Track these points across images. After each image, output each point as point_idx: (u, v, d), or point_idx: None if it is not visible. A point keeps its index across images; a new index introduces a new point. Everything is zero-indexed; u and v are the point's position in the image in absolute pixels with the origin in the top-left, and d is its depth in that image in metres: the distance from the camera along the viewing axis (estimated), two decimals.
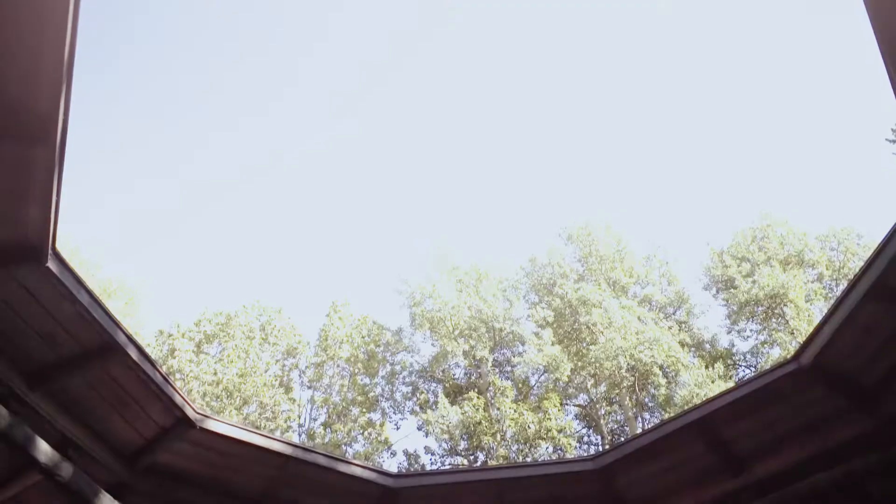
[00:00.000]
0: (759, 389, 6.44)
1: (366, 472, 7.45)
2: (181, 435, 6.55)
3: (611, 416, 24.11)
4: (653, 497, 7.41)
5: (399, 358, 25.88)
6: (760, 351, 21.98)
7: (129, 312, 23.84)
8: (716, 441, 6.90)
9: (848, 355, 6.06)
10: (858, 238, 22.84)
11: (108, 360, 5.74)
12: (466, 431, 19.87)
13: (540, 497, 7.58)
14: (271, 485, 7.17)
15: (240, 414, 20.41)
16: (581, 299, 22.25)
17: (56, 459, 5.60)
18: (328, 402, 23.58)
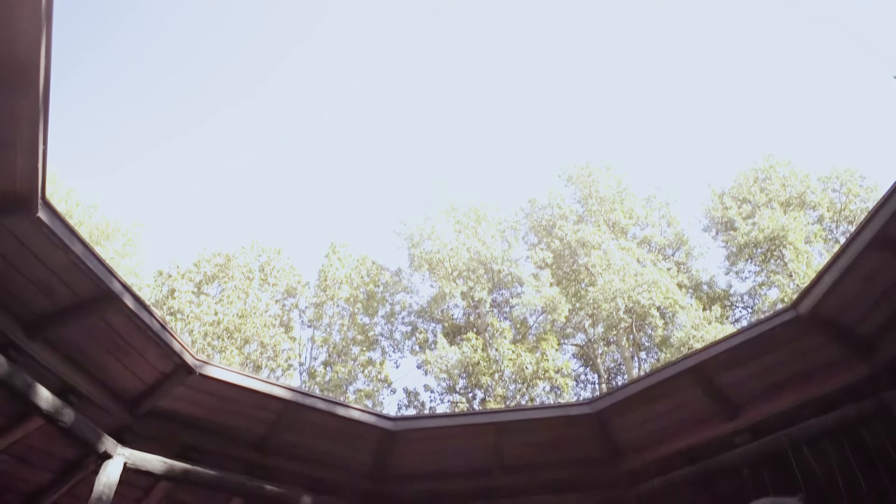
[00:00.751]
0: (756, 337, 6.46)
1: (365, 415, 7.56)
2: (181, 380, 6.61)
3: (608, 356, 24.43)
4: (647, 440, 7.55)
5: (398, 298, 26.04)
6: (758, 292, 22.09)
7: (127, 253, 23.84)
8: (711, 387, 6.98)
9: (846, 305, 6.05)
10: (861, 179, 22.64)
11: (104, 308, 5.72)
12: (465, 371, 20.15)
13: (536, 440, 7.72)
14: (272, 428, 7.29)
15: (241, 354, 20.65)
16: (580, 241, 22.22)
17: (57, 405, 5.66)
18: (328, 341, 23.85)
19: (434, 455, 7.87)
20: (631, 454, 7.68)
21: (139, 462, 6.44)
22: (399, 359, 25.66)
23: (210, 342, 20.24)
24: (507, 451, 7.81)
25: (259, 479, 7.17)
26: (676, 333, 17.96)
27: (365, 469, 7.82)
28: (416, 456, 7.86)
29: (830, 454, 6.55)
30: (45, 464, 6.89)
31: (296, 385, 23.51)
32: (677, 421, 7.33)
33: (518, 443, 7.75)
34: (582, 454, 7.76)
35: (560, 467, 7.80)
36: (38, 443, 6.65)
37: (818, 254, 20.85)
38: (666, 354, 18.62)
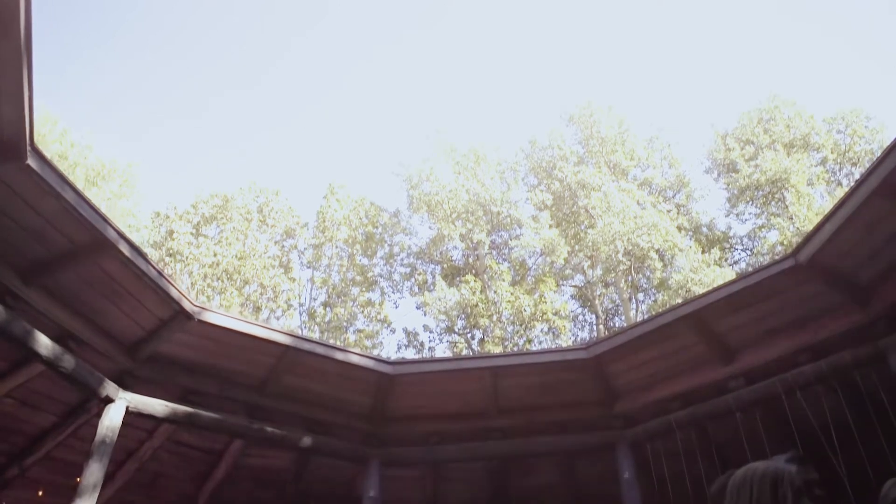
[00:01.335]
0: (755, 285, 6.45)
1: (363, 359, 7.63)
2: (180, 326, 6.63)
3: (606, 298, 24.59)
4: (643, 384, 7.64)
5: (397, 240, 26.04)
6: (758, 235, 22.04)
7: (124, 194, 23.65)
8: (708, 333, 7.02)
9: (847, 252, 6.01)
10: (867, 120, 22.27)
11: (100, 255, 5.68)
12: (463, 312, 20.31)
13: (533, 383, 7.82)
14: (271, 372, 7.36)
15: (241, 295, 20.75)
16: (580, 182, 22.05)
17: (57, 352, 5.69)
18: (327, 282, 23.95)
19: (432, 398, 7.98)
20: (626, 397, 7.79)
21: (141, 406, 6.54)
22: (398, 299, 25.83)
23: (210, 283, 20.30)
24: (503, 393, 7.91)
25: (260, 421, 7.29)
26: (675, 276, 18.00)
27: (364, 411, 7.95)
28: (414, 399, 7.97)
29: (823, 399, 6.65)
30: (48, 407, 7.00)
31: (296, 326, 23.77)
32: (673, 365, 7.40)
33: (515, 386, 7.85)
34: (577, 397, 7.87)
35: (556, 409, 7.93)
36: (40, 387, 6.73)
37: (820, 196, 20.71)
38: (664, 297, 18.72)
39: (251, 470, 8.57)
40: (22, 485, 7.37)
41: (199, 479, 8.39)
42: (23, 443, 7.18)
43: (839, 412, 6.54)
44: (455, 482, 9.16)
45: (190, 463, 8.22)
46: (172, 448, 8.01)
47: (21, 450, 7.22)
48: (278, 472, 8.66)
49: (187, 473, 8.26)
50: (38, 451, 7.19)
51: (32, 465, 7.26)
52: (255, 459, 8.48)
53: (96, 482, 5.87)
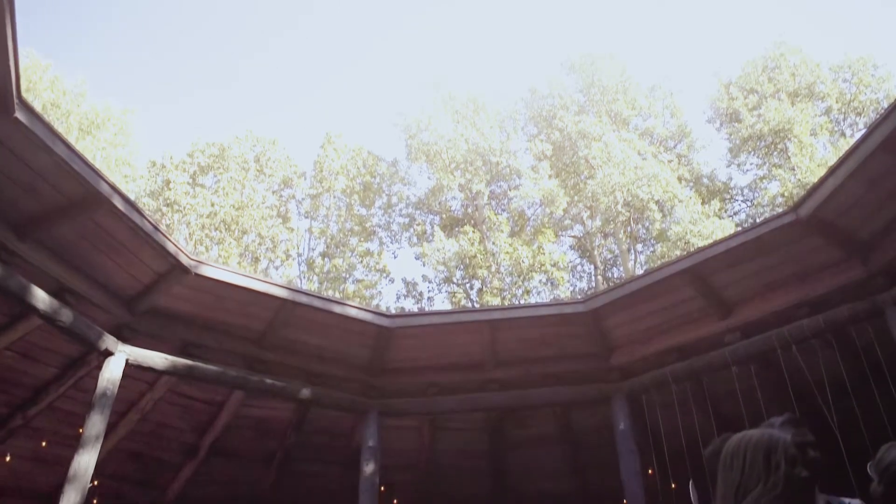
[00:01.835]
0: (755, 240, 6.41)
1: (361, 312, 7.65)
2: (178, 280, 6.62)
3: (604, 248, 24.59)
4: (639, 337, 7.69)
5: (395, 189, 25.85)
6: (758, 186, 21.88)
7: (120, 143, 23.32)
8: (706, 287, 7.02)
9: (848, 208, 5.96)
10: (874, 69, 21.84)
11: (94, 209, 5.62)
12: (462, 263, 20.32)
13: (530, 336, 7.86)
14: (270, 325, 7.38)
15: (239, 245, 20.71)
16: (581, 132, 21.76)
17: (55, 306, 5.69)
18: (325, 233, 23.88)
19: (430, 350, 8.03)
20: (622, 350, 7.85)
21: (141, 358, 6.57)
22: (397, 249, 25.82)
23: (208, 234, 20.24)
24: (501, 346, 7.96)
25: (259, 373, 7.36)
26: (674, 228, 17.95)
27: (362, 363, 8.01)
28: (412, 351, 8.03)
29: (818, 353, 6.69)
30: (48, 360, 7.04)
31: (294, 276, 23.82)
32: (670, 319, 7.43)
33: (512, 338, 7.90)
34: (574, 350, 7.92)
35: (553, 362, 7.99)
36: (39, 340, 6.76)
37: (822, 147, 20.47)
38: (662, 248, 18.69)
39: (252, 420, 8.70)
40: (26, 434, 7.48)
41: (200, 428, 8.52)
42: (25, 394, 7.26)
43: (834, 367, 6.59)
44: (453, 432, 9.32)
45: (191, 413, 8.34)
46: (173, 399, 8.10)
47: (24, 401, 7.30)
48: (279, 422, 8.79)
49: (189, 424, 8.38)
50: (40, 402, 7.27)
51: (36, 415, 7.35)
52: (256, 410, 8.59)
53: (98, 433, 5.95)
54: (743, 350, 6.91)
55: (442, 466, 9.48)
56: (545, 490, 9.45)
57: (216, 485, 8.97)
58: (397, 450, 8.87)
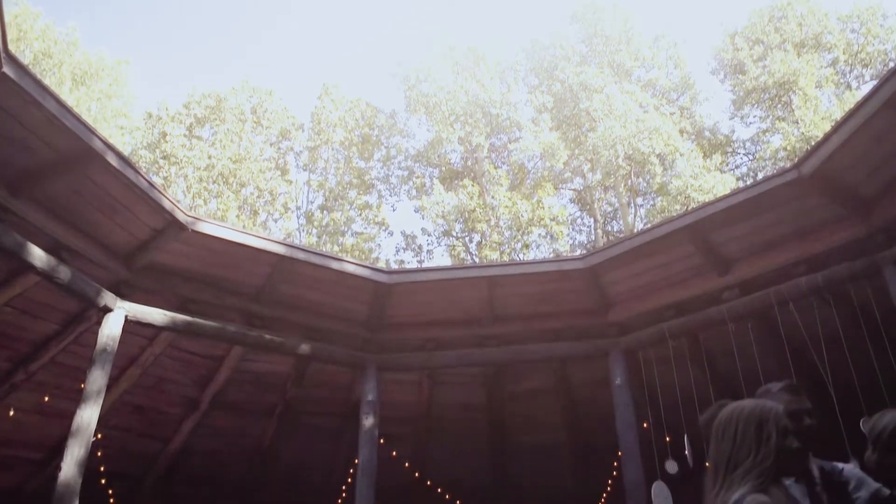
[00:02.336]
0: (756, 197, 6.36)
1: (359, 268, 7.64)
2: (174, 236, 6.59)
3: (604, 201, 24.50)
4: (638, 293, 7.70)
5: (394, 142, 25.58)
6: (761, 139, 21.66)
7: (114, 93, 22.95)
8: (705, 244, 7.00)
9: (851, 165, 5.89)
10: (883, 19, 21.36)
11: (87, 165, 5.56)
12: (461, 216, 20.26)
13: (529, 293, 7.87)
14: (267, 281, 7.38)
15: (237, 198, 20.59)
16: (582, 84, 21.40)
17: (52, 263, 5.68)
18: (324, 185, 23.74)
19: (428, 306, 8.05)
20: (620, 306, 7.88)
21: (140, 315, 6.60)
22: (396, 202, 25.75)
23: (206, 186, 20.11)
24: (499, 302, 7.98)
25: (258, 328, 7.40)
26: (675, 182, 17.83)
27: (361, 318, 8.04)
28: (410, 307, 8.04)
29: (815, 311, 6.71)
30: (48, 315, 7.07)
31: (293, 229, 23.78)
32: (668, 276, 7.43)
33: (511, 294, 7.91)
34: (573, 306, 7.94)
35: (551, 318, 8.02)
36: (38, 296, 6.76)
37: (827, 100, 20.18)
38: (663, 202, 18.62)
39: (252, 374, 8.78)
40: (29, 388, 7.56)
41: (201, 382, 8.61)
42: (26, 349, 7.31)
43: (830, 324, 6.62)
44: (451, 386, 9.43)
45: (191, 367, 8.41)
46: (174, 354, 8.17)
47: (25, 355, 7.35)
48: (278, 376, 8.88)
49: (189, 378, 8.47)
50: (41, 357, 7.33)
51: (38, 370, 7.41)
52: (256, 364, 8.67)
53: (100, 389, 6.01)
54: (740, 307, 6.93)
55: (440, 419, 9.62)
56: (541, 441, 9.61)
57: (218, 436, 9.12)
58: (396, 403, 9.00)
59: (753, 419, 1.86)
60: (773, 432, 1.83)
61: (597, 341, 7.89)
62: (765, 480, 1.76)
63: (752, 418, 1.86)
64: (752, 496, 1.71)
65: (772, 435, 1.82)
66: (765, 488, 1.74)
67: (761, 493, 1.72)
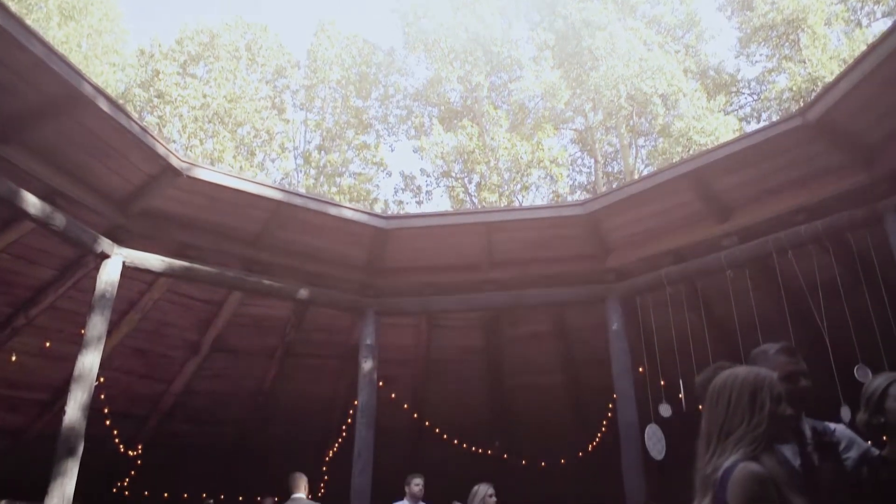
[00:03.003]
0: (759, 144, 6.26)
1: (357, 214, 7.59)
2: (170, 182, 6.50)
3: (605, 141, 24.23)
4: (636, 239, 7.68)
5: (392, 80, 25.08)
6: (767, 79, 21.22)
7: (105, 29, 22.30)
8: (706, 191, 6.93)
9: (858, 112, 5.77)
10: None
11: (77, 110, 5.44)
12: (460, 157, 20.07)
13: (527, 238, 7.84)
14: (265, 226, 7.33)
15: (233, 139, 20.33)
16: (585, 21, 20.81)
17: (46, 210, 5.63)
18: (321, 125, 23.42)
19: (426, 251, 8.03)
20: (619, 252, 7.86)
21: (137, 261, 6.58)
22: (394, 142, 25.50)
23: (201, 126, 19.82)
24: (498, 247, 7.95)
25: (256, 274, 7.39)
26: (677, 124, 17.57)
27: (359, 263, 8.03)
28: (408, 252, 8.02)
29: (814, 259, 6.70)
30: (46, 261, 7.06)
31: (290, 170, 23.59)
32: (668, 222, 7.39)
33: (509, 240, 7.88)
34: (571, 252, 7.93)
35: (549, 263, 8.02)
36: (35, 243, 6.74)
37: (836, 38, 19.67)
38: (664, 144, 18.39)
39: (251, 318, 8.85)
40: (31, 333, 7.63)
41: (201, 326, 8.68)
42: (26, 294, 7.34)
43: (828, 272, 6.62)
44: (449, 330, 9.52)
45: (191, 312, 8.47)
46: (173, 299, 8.21)
47: (25, 300, 7.39)
48: (278, 320, 8.96)
49: (190, 322, 8.54)
50: (41, 302, 7.36)
51: (38, 315, 7.46)
52: (255, 309, 8.72)
53: (100, 335, 6.04)
54: (739, 254, 6.92)
55: (438, 362, 9.76)
56: (538, 383, 9.78)
57: (220, 378, 9.27)
58: (395, 346, 9.09)
59: (748, 387, 1.86)
60: (766, 400, 1.83)
61: (595, 287, 7.90)
62: (757, 447, 1.77)
63: (747, 386, 1.87)
64: (743, 464, 1.73)
65: (765, 403, 1.83)
66: (756, 455, 1.76)
67: (753, 461, 1.73)
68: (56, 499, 5.33)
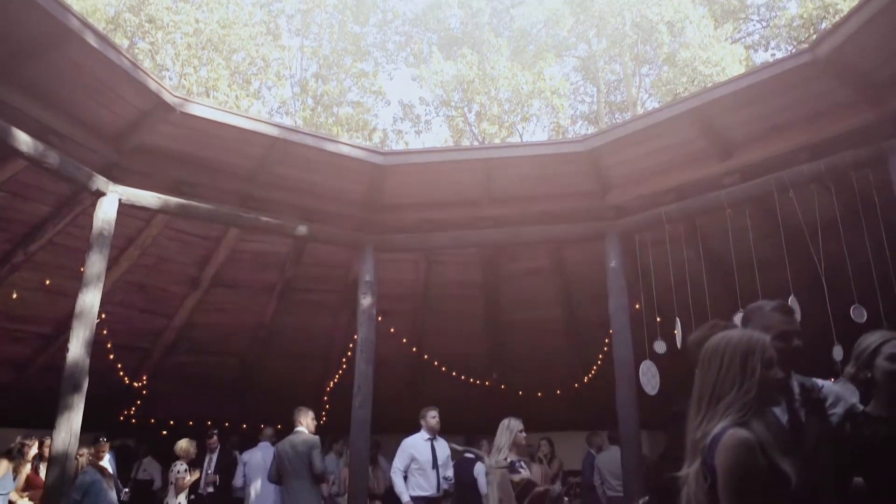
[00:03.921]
0: (768, 80, 6.10)
1: (355, 150, 7.49)
2: (163, 118, 6.38)
3: (608, 70, 23.69)
4: (637, 177, 7.60)
5: (391, 4, 24.34)
6: (777, 5, 20.53)
7: None
8: (709, 129, 6.82)
9: (870, 49, 5.60)
10: None
11: (65, 46, 5.27)
12: (460, 86, 19.65)
13: (527, 175, 7.76)
14: (261, 162, 7.24)
15: (228, 67, 19.84)
16: None
17: (39, 148, 5.55)
18: (318, 52, 22.83)
19: (425, 187, 7.96)
20: (619, 189, 7.79)
21: (133, 198, 6.53)
22: (393, 70, 24.97)
23: (195, 53, 19.32)
24: (497, 184, 7.88)
25: (254, 210, 7.35)
26: (682, 53, 17.10)
27: (357, 200, 7.97)
28: (407, 188, 7.95)
29: (814, 198, 6.66)
30: (42, 199, 7.03)
31: (287, 98, 23.15)
32: (669, 160, 7.30)
33: (508, 176, 7.80)
34: (570, 188, 7.86)
35: (548, 200, 7.97)
36: (30, 180, 6.67)
37: None
38: (669, 73, 17.96)
39: (250, 254, 8.87)
40: (31, 268, 7.66)
41: (200, 262, 8.71)
42: (24, 230, 7.32)
43: (829, 212, 6.60)
44: (448, 265, 9.56)
45: (190, 248, 8.48)
46: (171, 235, 8.20)
47: (23, 236, 7.38)
48: (277, 255, 8.98)
49: (189, 258, 8.56)
50: (40, 238, 7.35)
51: (37, 251, 7.47)
52: (254, 244, 8.73)
53: (99, 273, 6.06)
54: (740, 193, 6.87)
55: (437, 297, 9.85)
56: (536, 318, 9.91)
57: (221, 312, 9.38)
58: (394, 281, 9.15)
59: (739, 352, 1.87)
60: (758, 365, 1.85)
61: (594, 223, 7.88)
62: (746, 413, 1.79)
63: (739, 351, 1.87)
64: (732, 430, 1.75)
65: (756, 368, 1.84)
66: (746, 421, 1.78)
67: (742, 427, 1.76)
68: (63, 433, 5.48)
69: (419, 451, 6.91)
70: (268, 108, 23.09)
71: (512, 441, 5.51)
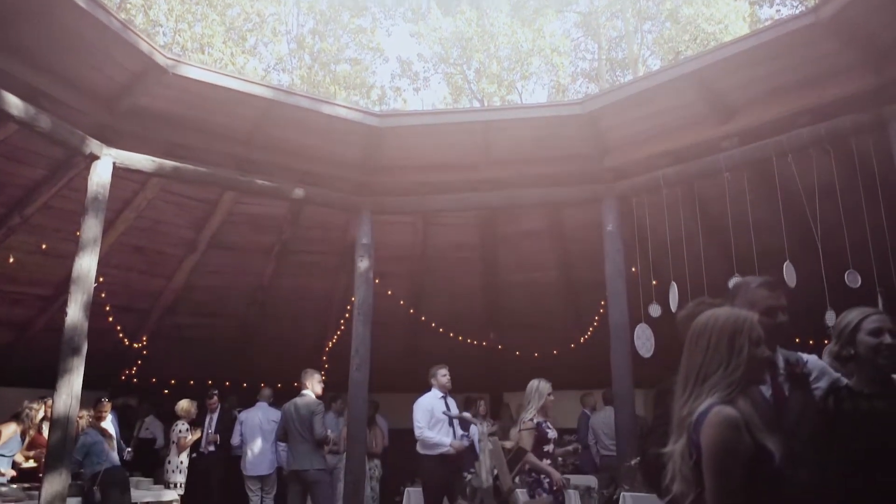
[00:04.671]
0: (768, 42, 6.00)
1: (351, 112, 7.41)
2: (157, 80, 6.29)
3: (610, 26, 23.26)
4: (635, 139, 7.53)
5: None
6: None
7: None
8: (709, 92, 6.73)
9: (874, 11, 5.50)
10: None
11: (53, 7, 5.17)
12: (459, 43, 19.33)
13: (524, 137, 7.69)
14: (257, 125, 7.16)
15: (222, 23, 19.46)
16: None
17: (30, 111, 5.50)
18: (314, 8, 22.37)
19: (422, 150, 7.90)
20: (617, 152, 7.73)
21: (128, 161, 6.49)
22: (391, 26, 24.49)
23: (189, 8, 18.93)
24: (495, 146, 7.82)
25: (249, 173, 7.30)
26: (685, 10, 16.78)
27: (354, 162, 7.91)
28: (404, 150, 7.88)
29: (813, 162, 6.62)
30: (36, 162, 6.98)
31: (283, 55, 22.79)
32: (667, 122, 7.22)
33: (506, 139, 7.74)
34: (568, 151, 7.80)
35: (546, 163, 7.91)
36: (22, 144, 6.62)
37: None
38: (671, 31, 17.66)
39: (247, 217, 8.85)
40: (27, 231, 7.65)
41: (197, 225, 8.70)
42: (19, 193, 7.29)
43: (827, 177, 6.57)
44: (445, 227, 9.56)
45: (186, 211, 8.46)
46: (167, 198, 8.17)
47: (18, 199, 7.35)
48: (273, 218, 8.96)
49: (185, 220, 8.54)
50: (35, 201, 7.33)
51: (33, 214, 7.45)
52: (250, 207, 8.70)
53: (95, 237, 6.06)
54: (738, 157, 6.82)
55: (434, 259, 9.87)
56: (533, 280, 9.96)
57: (218, 274, 9.41)
58: (391, 243, 9.14)
59: (727, 330, 1.89)
60: (745, 343, 1.86)
61: (592, 186, 7.84)
62: (732, 392, 1.82)
63: (726, 330, 1.89)
64: (718, 407, 1.78)
65: (744, 347, 1.86)
66: (732, 399, 1.81)
67: (728, 405, 1.79)
68: (64, 395, 5.55)
69: (436, 408, 6.85)
70: (264, 65, 22.76)
71: (542, 404, 5.61)
